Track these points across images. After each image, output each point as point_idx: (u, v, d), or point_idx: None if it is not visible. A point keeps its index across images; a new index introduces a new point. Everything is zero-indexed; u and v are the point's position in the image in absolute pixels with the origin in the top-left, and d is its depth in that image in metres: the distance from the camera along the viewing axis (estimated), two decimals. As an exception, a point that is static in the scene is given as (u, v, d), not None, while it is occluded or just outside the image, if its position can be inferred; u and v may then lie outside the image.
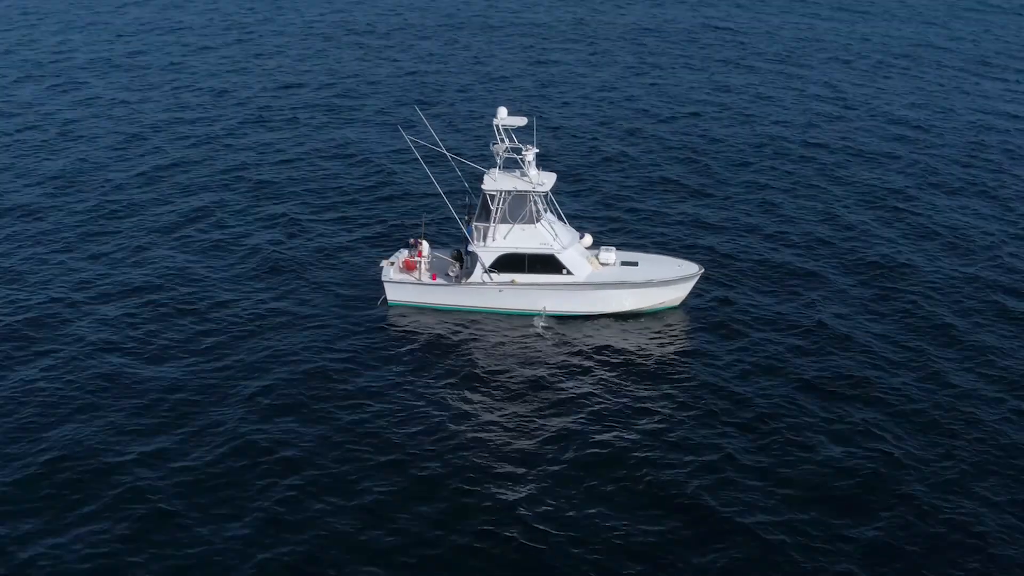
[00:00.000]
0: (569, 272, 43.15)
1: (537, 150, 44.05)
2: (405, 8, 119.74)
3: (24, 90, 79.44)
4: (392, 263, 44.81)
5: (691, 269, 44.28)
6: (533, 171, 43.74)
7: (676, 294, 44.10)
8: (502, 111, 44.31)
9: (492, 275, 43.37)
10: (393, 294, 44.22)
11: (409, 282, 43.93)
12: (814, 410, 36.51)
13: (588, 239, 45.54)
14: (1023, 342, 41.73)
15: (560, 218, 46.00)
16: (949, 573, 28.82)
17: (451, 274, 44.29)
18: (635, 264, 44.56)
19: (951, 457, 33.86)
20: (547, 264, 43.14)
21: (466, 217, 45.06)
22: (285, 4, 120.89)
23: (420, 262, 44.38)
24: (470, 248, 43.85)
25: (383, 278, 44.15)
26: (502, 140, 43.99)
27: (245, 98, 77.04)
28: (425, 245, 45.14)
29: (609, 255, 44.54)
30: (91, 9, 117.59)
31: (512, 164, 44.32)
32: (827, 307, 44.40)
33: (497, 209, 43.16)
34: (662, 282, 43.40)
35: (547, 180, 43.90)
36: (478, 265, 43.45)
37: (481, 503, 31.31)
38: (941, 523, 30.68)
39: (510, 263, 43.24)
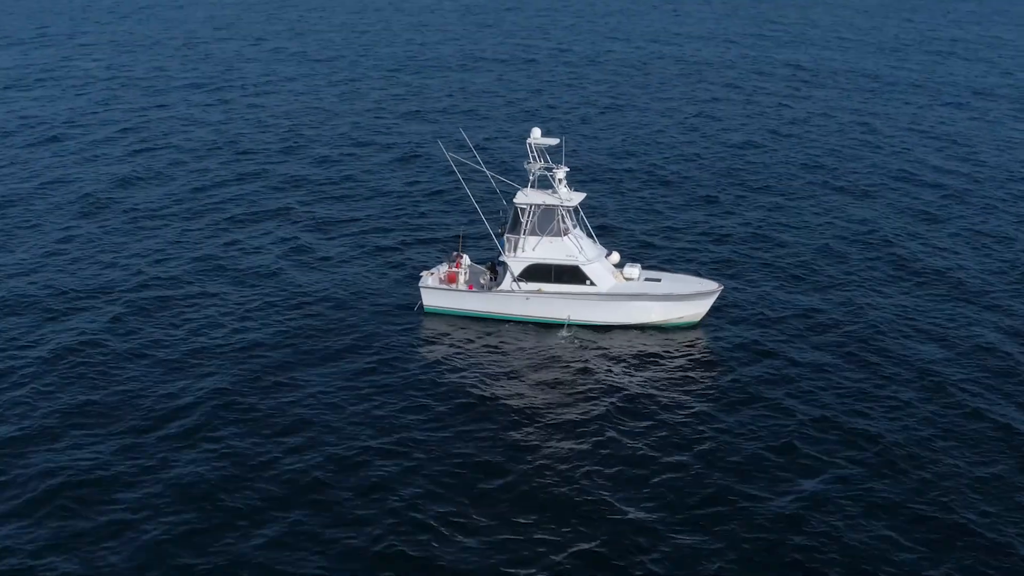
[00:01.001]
0: (592, 283, 45.67)
1: (567, 169, 46.83)
2: (484, 46, 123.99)
3: (113, 109, 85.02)
4: (432, 273, 47.79)
5: (710, 286, 46.44)
6: (563, 188, 46.51)
7: (695, 310, 46.22)
8: (536, 132, 47.27)
9: (520, 284, 46.10)
10: (428, 300, 47.16)
11: (443, 289, 46.86)
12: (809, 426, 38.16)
13: (616, 256, 48.01)
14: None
15: (590, 235, 48.61)
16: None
17: (482, 282, 47.17)
18: (658, 280, 46.91)
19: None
20: (572, 275, 45.74)
21: (499, 230, 47.93)
22: (377, 43, 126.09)
23: (459, 273, 47.32)
24: (501, 258, 46.71)
25: (420, 285, 47.18)
26: (534, 159, 46.90)
27: (303, 123, 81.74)
28: (465, 258, 48.10)
29: (633, 270, 47.01)
30: (188, 39, 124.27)
31: (546, 183, 47.16)
32: (836, 335, 46.13)
33: (527, 222, 45.99)
34: (680, 296, 45.63)
35: (575, 197, 46.62)
36: (507, 274, 46.25)
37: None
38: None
39: (537, 273, 45.94)
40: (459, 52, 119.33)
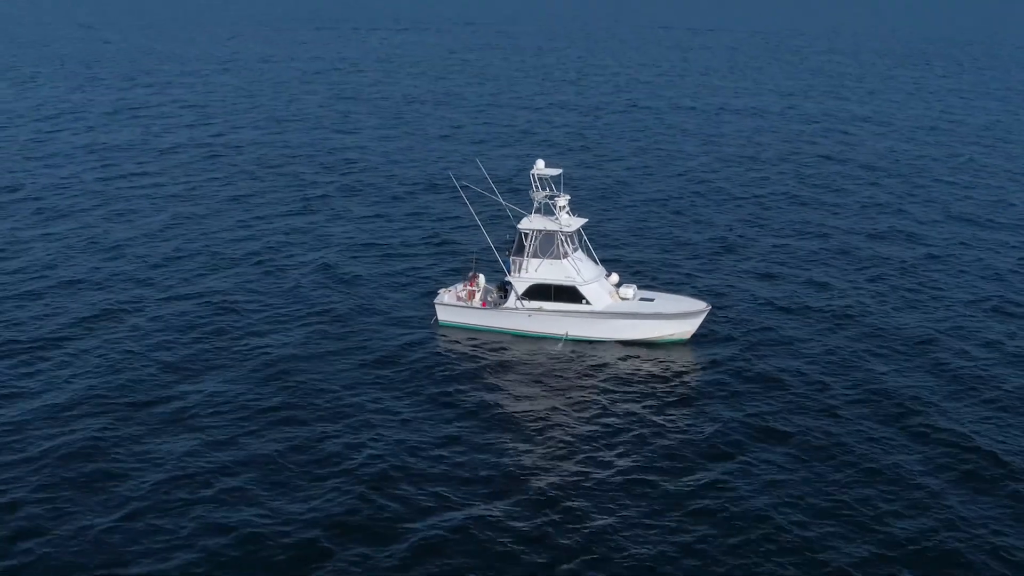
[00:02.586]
0: (588, 302, 49.98)
1: (568, 197, 51.44)
2: (553, 96, 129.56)
3: (185, 147, 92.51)
4: (449, 291, 52.65)
5: (699, 306, 50.37)
6: (564, 215, 51.09)
7: (684, 328, 50.12)
8: (539, 163, 52.06)
9: (523, 302, 50.65)
10: (442, 315, 51.98)
11: (455, 305, 51.65)
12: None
13: (615, 277, 52.30)
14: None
15: (592, 257, 52.99)
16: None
17: (489, 299, 51.87)
18: (651, 300, 51.01)
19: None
20: (570, 294, 50.14)
21: (507, 253, 52.64)
22: (458, 91, 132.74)
23: (476, 291, 52.10)
24: (506, 278, 51.39)
25: (435, 302, 52.06)
26: (538, 188, 51.63)
27: (353, 157, 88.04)
28: (481, 278, 52.92)
29: (628, 291, 51.20)
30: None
31: (550, 210, 51.83)
32: (823, 355, 49.63)
33: (529, 246, 50.63)
34: (670, 315, 49.60)
35: (574, 223, 51.15)
36: (512, 293, 50.87)
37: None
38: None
39: (539, 292, 50.46)
40: (521, 101, 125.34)
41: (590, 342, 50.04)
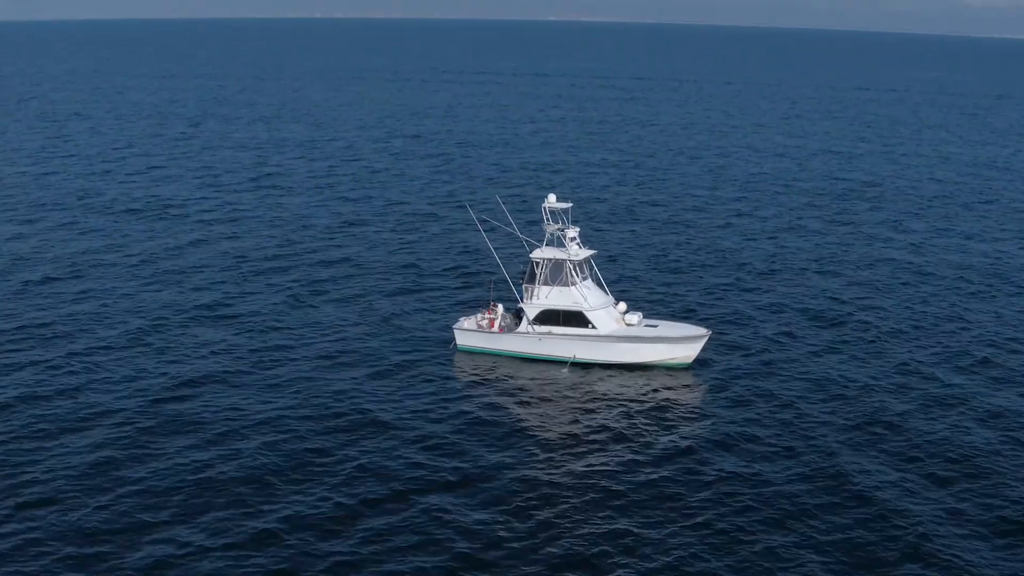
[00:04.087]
0: (594, 327, 53.17)
1: (578, 229, 54.86)
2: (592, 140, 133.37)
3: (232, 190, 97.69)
4: (469, 319, 56.17)
5: (699, 332, 53.27)
6: (573, 246, 54.47)
7: (685, 352, 52.95)
8: (551, 197, 55.60)
9: (534, 326, 54.03)
10: (460, 339, 55.47)
11: (472, 330, 55.15)
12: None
13: (622, 305, 55.35)
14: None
15: (601, 285, 56.22)
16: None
17: (503, 324, 55.33)
18: (655, 326, 54.03)
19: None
20: (577, 319, 53.35)
21: (520, 280, 56.11)
22: (514, 140, 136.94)
23: (496, 318, 55.57)
24: (519, 305, 54.85)
25: (454, 327, 55.65)
26: (549, 221, 55.16)
27: (389, 194, 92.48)
28: (500, 307, 56.39)
29: (633, 317, 54.27)
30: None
31: (562, 241, 55.32)
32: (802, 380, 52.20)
33: (540, 274, 54.08)
34: (672, 339, 52.51)
35: (582, 253, 54.52)
36: (524, 318, 54.31)
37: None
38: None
39: (548, 317, 53.77)
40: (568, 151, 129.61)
41: (596, 365, 53.07)
